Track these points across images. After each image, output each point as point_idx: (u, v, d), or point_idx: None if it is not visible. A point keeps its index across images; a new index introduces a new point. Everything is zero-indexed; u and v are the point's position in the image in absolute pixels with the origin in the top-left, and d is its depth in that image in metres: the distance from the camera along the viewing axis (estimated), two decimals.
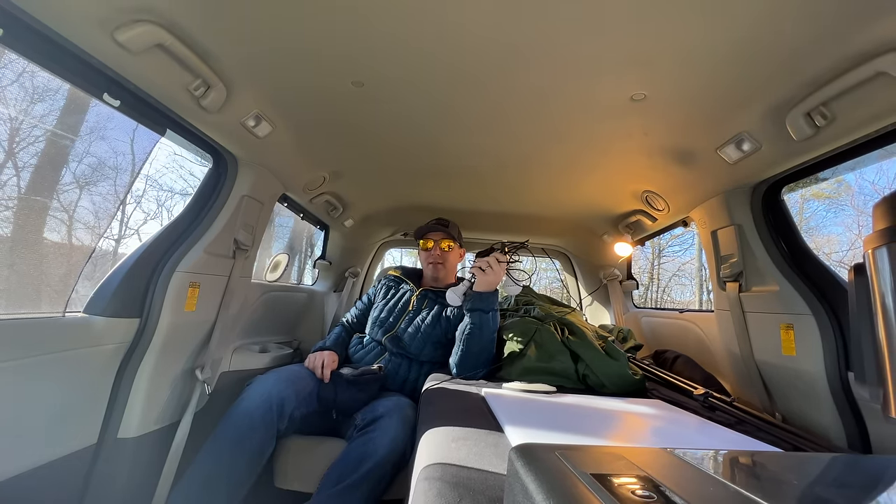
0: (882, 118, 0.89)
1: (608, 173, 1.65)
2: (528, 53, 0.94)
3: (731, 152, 1.21)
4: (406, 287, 1.79)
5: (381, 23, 0.87)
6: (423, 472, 0.67)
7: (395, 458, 1.19)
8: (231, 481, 1.13)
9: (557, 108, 1.18)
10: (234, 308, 1.48)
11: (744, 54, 0.88)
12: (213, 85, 1.04)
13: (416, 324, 1.62)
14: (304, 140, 1.45)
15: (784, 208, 1.32)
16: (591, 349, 1.39)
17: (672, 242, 9.35)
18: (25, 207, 1.61)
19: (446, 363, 1.53)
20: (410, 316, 1.65)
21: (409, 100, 1.18)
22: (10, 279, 1.31)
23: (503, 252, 1.45)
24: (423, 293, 1.73)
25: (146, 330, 1.16)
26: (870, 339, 0.42)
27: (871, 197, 6.24)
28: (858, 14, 0.74)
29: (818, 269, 1.21)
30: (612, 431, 0.89)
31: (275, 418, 1.22)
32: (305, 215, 2.09)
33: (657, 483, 0.37)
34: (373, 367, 1.48)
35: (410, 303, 1.70)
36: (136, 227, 3.45)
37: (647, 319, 2.32)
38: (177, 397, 1.29)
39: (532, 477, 0.39)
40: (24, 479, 0.91)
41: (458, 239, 1.81)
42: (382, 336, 1.63)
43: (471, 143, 1.46)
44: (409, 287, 1.78)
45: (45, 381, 0.93)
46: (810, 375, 1.13)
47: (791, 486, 0.41)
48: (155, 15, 0.84)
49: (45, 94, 1.54)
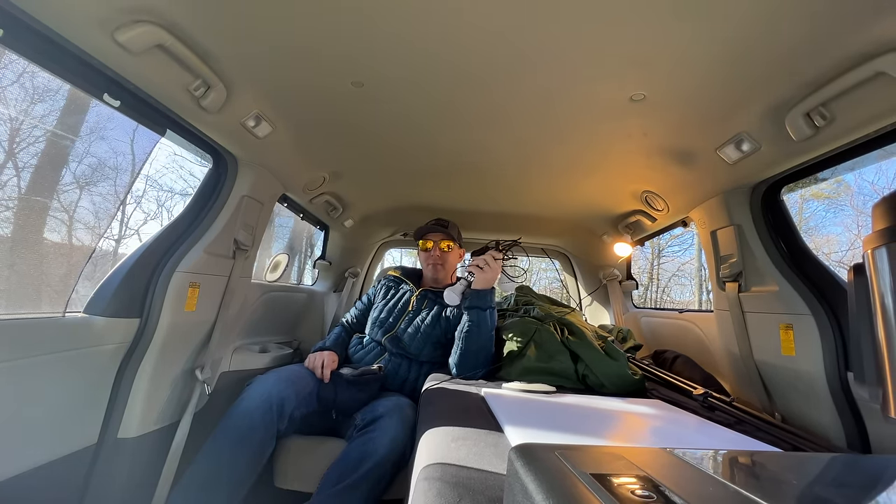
0: (881, 118, 0.89)
1: (608, 174, 1.65)
2: (529, 55, 0.94)
3: (731, 152, 1.21)
4: (406, 287, 1.79)
5: (381, 23, 0.87)
6: (423, 471, 0.67)
7: (394, 458, 1.19)
8: (231, 481, 1.13)
9: (557, 109, 1.18)
10: (234, 308, 1.48)
11: (743, 55, 0.88)
12: (213, 85, 1.04)
13: (415, 324, 1.62)
14: (303, 140, 1.45)
15: (783, 208, 1.32)
16: (591, 349, 1.39)
17: (671, 243, 9.37)
18: (26, 207, 1.61)
19: (446, 363, 1.53)
20: (410, 316, 1.66)
21: (409, 100, 1.18)
22: (11, 279, 1.31)
23: (498, 249, 1.46)
24: (422, 293, 1.73)
25: (146, 330, 1.17)
26: (869, 339, 0.42)
27: (871, 197, 6.25)
28: (857, 14, 0.75)
29: (817, 269, 1.21)
30: (612, 431, 0.89)
31: (275, 418, 1.22)
32: (305, 215, 2.09)
33: (657, 483, 0.37)
34: (373, 368, 1.48)
35: (410, 303, 1.70)
36: (137, 227, 3.45)
37: (646, 319, 2.32)
38: (177, 397, 1.29)
39: (532, 477, 0.39)
40: (24, 479, 0.91)
41: (457, 239, 1.80)
42: (382, 336, 1.64)
43: (471, 144, 1.46)
44: (409, 287, 1.78)
45: (45, 381, 0.93)
46: (810, 375, 1.13)
47: (790, 485, 0.41)
48: (155, 15, 0.84)
49: (45, 94, 1.54)
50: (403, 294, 1.76)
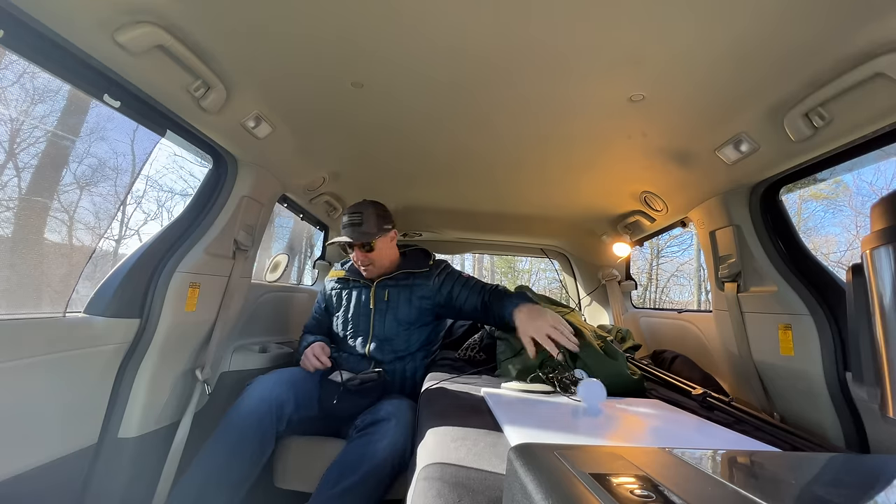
0: (879, 119, 0.89)
1: (607, 174, 1.65)
2: (528, 55, 0.94)
3: (730, 153, 1.21)
4: (357, 285, 1.65)
5: (381, 24, 0.87)
6: (423, 471, 0.67)
7: (394, 459, 1.18)
8: (231, 481, 1.13)
9: (556, 110, 1.18)
10: (235, 308, 1.48)
11: (742, 55, 0.89)
12: (214, 86, 1.04)
13: (389, 317, 1.55)
14: (303, 141, 1.45)
15: (782, 209, 1.32)
16: (590, 349, 1.39)
17: (671, 243, 9.38)
18: (26, 208, 1.61)
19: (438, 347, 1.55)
20: (381, 311, 1.57)
21: (409, 101, 1.18)
22: (11, 279, 1.31)
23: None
24: (380, 284, 1.61)
25: (146, 330, 1.17)
26: (867, 339, 0.42)
27: (869, 197, 6.26)
28: (856, 15, 0.75)
29: (816, 269, 1.21)
30: (611, 431, 0.89)
31: (273, 420, 1.22)
32: (305, 216, 2.10)
33: (656, 483, 0.37)
34: (372, 374, 1.42)
35: (371, 299, 1.59)
36: (137, 227, 3.45)
37: (645, 320, 2.33)
38: (177, 397, 1.29)
39: (531, 477, 0.39)
40: (25, 479, 0.91)
41: (377, 230, 1.53)
42: (363, 348, 1.55)
43: (470, 144, 1.46)
44: (360, 283, 1.64)
45: (45, 380, 0.94)
46: (808, 375, 1.13)
47: (789, 485, 0.41)
48: (155, 16, 0.84)
49: (45, 95, 1.54)
50: (360, 294, 1.63)
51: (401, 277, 1.61)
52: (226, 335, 1.45)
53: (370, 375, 1.41)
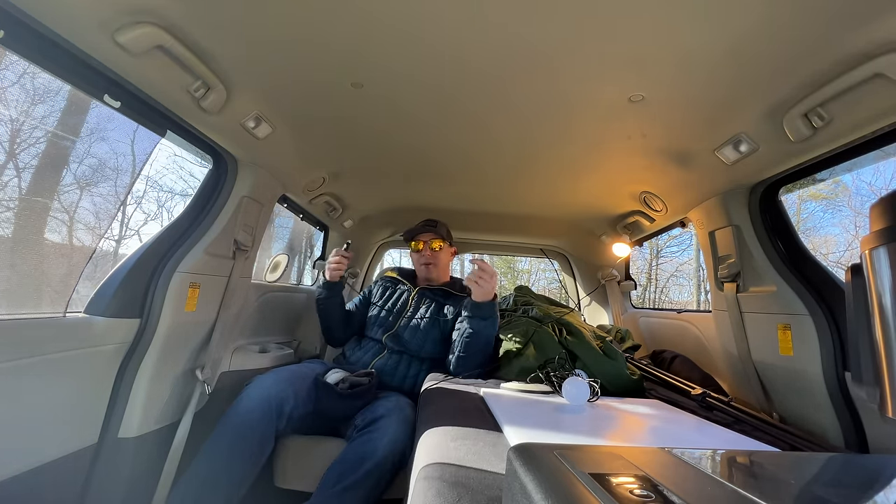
0: (879, 119, 0.89)
1: (606, 174, 1.65)
2: (527, 56, 0.94)
3: (729, 153, 1.22)
4: (403, 287, 1.83)
5: (380, 25, 0.87)
6: (423, 471, 0.67)
7: (394, 458, 1.19)
8: (230, 481, 1.13)
9: (556, 110, 1.18)
10: (235, 308, 1.48)
11: (741, 56, 0.89)
12: (213, 86, 1.04)
13: (415, 322, 1.66)
14: (303, 141, 1.45)
15: (781, 209, 1.32)
16: (589, 349, 1.40)
17: (670, 243, 9.38)
18: (27, 208, 1.61)
19: (445, 359, 1.55)
20: (410, 314, 1.69)
21: (409, 101, 1.18)
22: (12, 279, 1.31)
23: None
24: (420, 292, 1.77)
25: (147, 330, 1.17)
26: (867, 339, 0.42)
27: (868, 198, 6.26)
28: (855, 16, 0.75)
29: (815, 269, 1.22)
30: (611, 431, 0.89)
31: (273, 418, 1.22)
32: (305, 216, 2.10)
33: (655, 482, 0.37)
34: (363, 379, 1.39)
35: (409, 302, 1.74)
36: (137, 227, 3.45)
37: (645, 320, 2.33)
38: (177, 397, 1.29)
39: (530, 476, 0.39)
40: (25, 479, 0.91)
41: (447, 238, 1.84)
42: (383, 335, 1.66)
43: (469, 145, 1.46)
44: (407, 287, 1.82)
45: (45, 380, 0.94)
46: (807, 375, 1.14)
47: (788, 485, 0.41)
48: (155, 17, 0.84)
49: (45, 95, 1.54)
50: (402, 294, 1.80)
51: (440, 293, 1.76)
52: (226, 335, 1.45)
53: (361, 380, 1.39)
